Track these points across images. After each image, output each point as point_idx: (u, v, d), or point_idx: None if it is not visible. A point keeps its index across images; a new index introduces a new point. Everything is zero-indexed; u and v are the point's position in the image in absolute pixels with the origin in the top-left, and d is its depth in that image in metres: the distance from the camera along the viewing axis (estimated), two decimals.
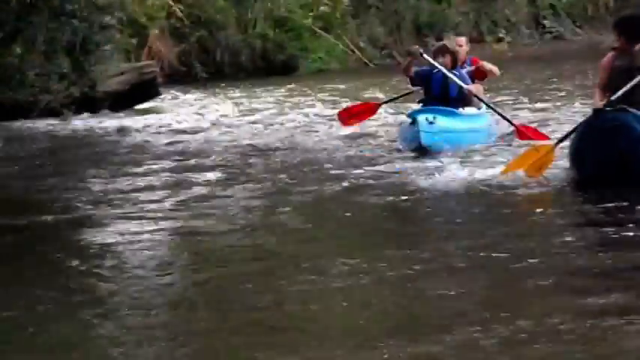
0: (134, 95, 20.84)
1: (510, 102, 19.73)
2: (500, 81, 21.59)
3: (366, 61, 29.62)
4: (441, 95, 14.02)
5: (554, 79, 23.72)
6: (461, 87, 13.96)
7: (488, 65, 15.39)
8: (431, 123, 13.29)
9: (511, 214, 10.71)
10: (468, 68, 14.98)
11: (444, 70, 13.93)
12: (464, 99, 14.10)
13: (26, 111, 18.55)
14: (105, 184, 12.66)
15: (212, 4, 26.58)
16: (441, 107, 13.83)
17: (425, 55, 14.23)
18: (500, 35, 31.63)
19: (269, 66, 28.25)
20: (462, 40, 15.87)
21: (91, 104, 19.69)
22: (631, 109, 10.84)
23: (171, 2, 25.87)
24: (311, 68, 28.59)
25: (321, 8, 29.02)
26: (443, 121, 13.54)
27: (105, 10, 12.79)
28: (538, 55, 28.46)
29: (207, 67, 26.98)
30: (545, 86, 22.32)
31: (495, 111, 14.56)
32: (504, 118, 14.40)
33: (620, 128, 10.78)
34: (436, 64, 13.93)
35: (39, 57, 14.53)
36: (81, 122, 18.92)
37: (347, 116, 15.98)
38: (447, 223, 10.21)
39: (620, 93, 11.07)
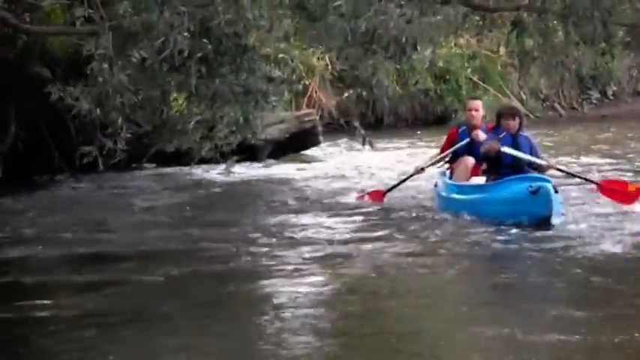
0: (294, 143, 21.05)
1: None
2: None
3: (528, 112, 29.48)
4: (514, 162, 13.03)
5: None
6: (532, 151, 13.20)
7: (479, 137, 13.89)
8: (557, 192, 12.33)
9: None
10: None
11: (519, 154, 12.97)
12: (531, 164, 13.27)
13: (187, 158, 18.92)
14: (268, 229, 12.94)
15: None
16: (535, 175, 12.94)
17: (504, 149, 13.01)
18: None
19: (426, 117, 28.31)
20: (478, 104, 14.66)
21: (251, 152, 19.96)
22: None
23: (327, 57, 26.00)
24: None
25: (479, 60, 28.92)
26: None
27: (275, 63, 12.89)
28: None
29: (367, 117, 27.14)
30: None
31: (572, 174, 14.32)
32: (584, 178, 14.12)
33: None
34: (519, 154, 12.97)
35: (202, 105, 14.67)
36: (241, 169, 19.27)
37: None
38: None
39: None
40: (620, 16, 11.73)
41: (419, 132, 26.11)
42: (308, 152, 21.67)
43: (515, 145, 12.99)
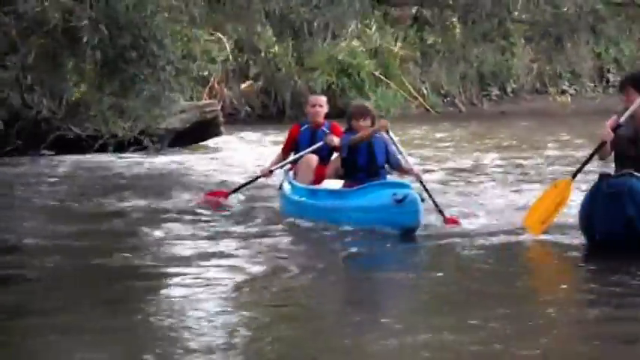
0: (195, 133, 21.11)
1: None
2: (555, 134, 21.63)
3: (428, 107, 29.70)
4: (368, 165, 12.08)
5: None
6: (387, 154, 12.21)
7: (333, 141, 12.74)
8: (423, 200, 11.58)
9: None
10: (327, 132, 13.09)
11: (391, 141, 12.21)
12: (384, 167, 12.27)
13: (87, 146, 18.89)
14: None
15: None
16: (398, 180, 12.21)
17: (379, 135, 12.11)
18: (564, 88, 31.66)
19: (331, 109, 28.41)
20: (322, 99, 13.45)
21: (152, 141, 20.02)
22: (637, 174, 10.76)
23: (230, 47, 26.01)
24: None
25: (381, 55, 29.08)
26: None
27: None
28: (601, 109, 28.40)
29: (269, 109, 27.22)
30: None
31: (429, 194, 12.32)
32: (437, 207, 12.26)
33: (627, 193, 10.74)
34: (393, 146, 12.19)
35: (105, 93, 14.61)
36: (139, 158, 19.30)
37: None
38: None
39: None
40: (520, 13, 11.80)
41: None
42: (209, 142, 21.72)
43: (370, 147, 12.04)
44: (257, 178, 13.91)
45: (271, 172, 13.54)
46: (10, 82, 12.16)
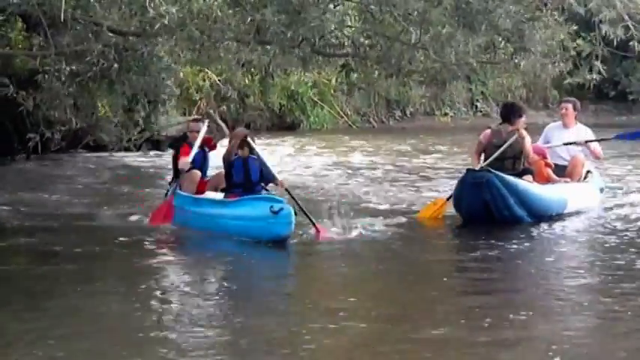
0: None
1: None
2: (439, 144, 21.69)
3: (350, 123, 29.78)
4: (245, 181, 10.45)
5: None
6: (262, 171, 10.51)
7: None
8: (296, 214, 9.91)
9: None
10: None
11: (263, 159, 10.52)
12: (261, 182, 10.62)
13: (110, 147, 18.89)
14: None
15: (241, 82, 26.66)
16: (273, 195, 10.39)
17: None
18: (446, 112, 31.77)
19: (280, 124, 28.47)
20: (196, 125, 11.49)
21: (157, 144, 20.08)
22: (492, 170, 10.97)
23: (215, 78, 25.89)
24: (310, 126, 28.74)
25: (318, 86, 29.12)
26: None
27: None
28: (471, 127, 28.64)
29: (240, 123, 27.19)
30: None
31: (299, 206, 10.50)
32: (309, 218, 10.48)
33: (485, 183, 10.90)
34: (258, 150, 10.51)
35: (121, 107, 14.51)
36: (148, 157, 19.33)
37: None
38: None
39: (489, 160, 11.19)
40: (416, 62, 11.84)
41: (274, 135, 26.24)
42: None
43: (246, 167, 10.39)
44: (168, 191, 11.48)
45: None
46: (55, 99, 11.97)
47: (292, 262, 9.79)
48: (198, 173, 11.20)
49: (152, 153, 19.78)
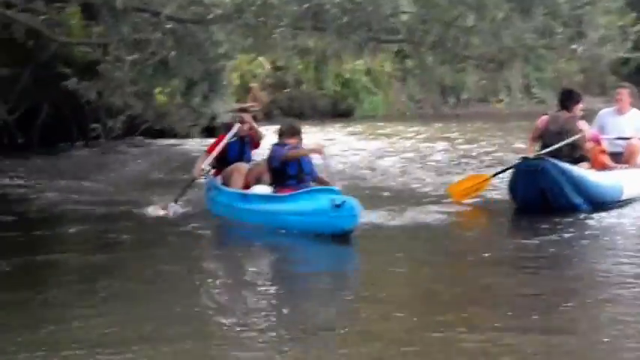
0: None
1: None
2: (493, 131, 21.57)
3: (404, 110, 29.71)
4: (298, 173, 10.01)
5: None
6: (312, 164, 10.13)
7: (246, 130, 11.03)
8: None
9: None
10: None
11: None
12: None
13: (166, 134, 19.10)
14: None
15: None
16: (332, 187, 9.82)
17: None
18: (501, 98, 31.49)
19: (334, 111, 28.48)
20: (247, 117, 11.20)
21: (212, 131, 20.16)
22: (548, 158, 10.88)
23: (268, 66, 26.00)
24: (364, 113, 28.76)
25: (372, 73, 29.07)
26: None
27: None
28: (526, 113, 28.38)
29: (293, 109, 27.27)
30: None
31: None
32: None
33: (541, 171, 10.80)
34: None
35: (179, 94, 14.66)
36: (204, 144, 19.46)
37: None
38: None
39: (550, 149, 11.05)
40: (472, 47, 11.84)
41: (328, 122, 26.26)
42: None
43: (298, 161, 9.97)
44: (193, 180, 11.21)
45: (203, 169, 11.05)
46: (114, 88, 12.12)
47: (343, 248, 9.45)
48: (245, 166, 10.75)
49: (210, 140, 19.88)
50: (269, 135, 11.02)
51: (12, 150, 17.28)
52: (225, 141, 10.87)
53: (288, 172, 9.96)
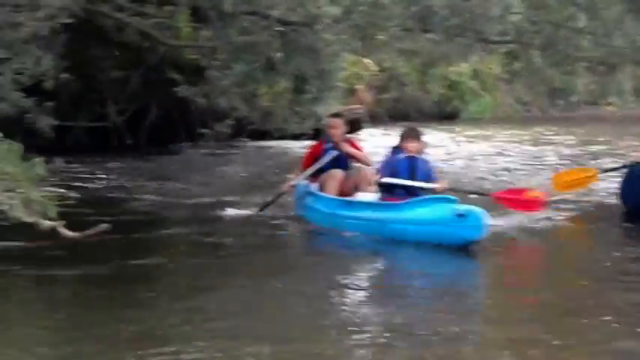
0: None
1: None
2: (600, 133, 21.09)
3: (511, 113, 29.37)
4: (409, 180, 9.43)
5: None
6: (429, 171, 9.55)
7: (349, 149, 10.54)
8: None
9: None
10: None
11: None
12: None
13: (271, 135, 19.26)
14: None
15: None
16: (446, 196, 9.17)
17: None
18: (611, 101, 30.86)
19: (440, 113, 28.32)
20: (336, 122, 10.74)
21: (318, 133, 20.19)
22: None
23: (374, 67, 25.99)
24: (470, 115, 28.54)
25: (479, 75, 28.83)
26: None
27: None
28: (639, 117, 27.74)
29: (399, 111, 27.20)
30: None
31: (465, 191, 10.50)
32: (477, 193, 10.71)
33: None
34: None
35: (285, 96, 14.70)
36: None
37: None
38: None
39: None
40: (582, 50, 11.64)
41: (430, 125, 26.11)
42: (355, 135, 21.72)
43: (413, 168, 9.42)
44: (282, 194, 10.67)
45: (293, 186, 10.58)
46: (222, 92, 12.22)
47: (457, 257, 8.89)
48: (339, 172, 10.32)
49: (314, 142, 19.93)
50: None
51: (121, 151, 17.63)
52: (318, 165, 10.43)
53: (399, 179, 9.45)
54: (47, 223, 6.81)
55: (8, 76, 8.42)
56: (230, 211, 10.76)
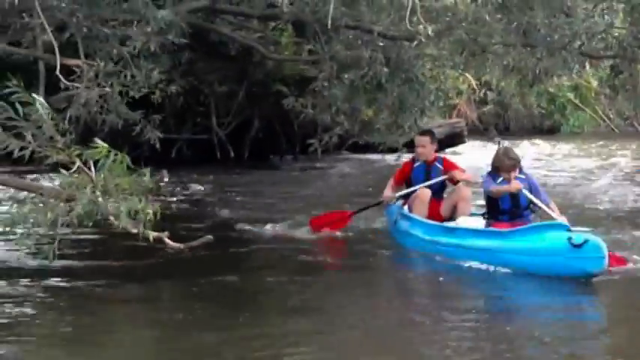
0: (447, 141, 21.03)
1: None
2: None
3: (613, 127, 28.78)
4: (511, 208, 8.78)
5: None
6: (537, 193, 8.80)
7: (462, 175, 9.89)
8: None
9: None
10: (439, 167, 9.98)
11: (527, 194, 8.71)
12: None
13: (371, 149, 19.23)
14: None
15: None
16: (559, 222, 8.31)
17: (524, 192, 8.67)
18: None
19: (541, 127, 27.93)
20: (424, 140, 9.99)
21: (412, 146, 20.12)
22: None
23: (474, 82, 25.78)
24: (570, 130, 28.08)
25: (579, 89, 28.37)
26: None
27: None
28: None
29: (499, 126, 26.93)
30: None
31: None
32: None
33: None
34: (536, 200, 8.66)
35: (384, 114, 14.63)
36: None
37: (319, 224, 10.43)
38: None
39: None
40: None
41: (533, 139, 25.70)
42: (457, 148, 21.63)
43: (513, 195, 8.74)
44: (379, 202, 10.36)
45: (397, 198, 10.11)
46: (331, 105, 12.10)
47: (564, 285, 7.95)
48: (428, 192, 9.76)
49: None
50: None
51: (223, 163, 17.77)
52: (413, 188, 9.88)
53: (501, 205, 8.82)
54: (153, 234, 6.86)
55: (116, 89, 8.55)
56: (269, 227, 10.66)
